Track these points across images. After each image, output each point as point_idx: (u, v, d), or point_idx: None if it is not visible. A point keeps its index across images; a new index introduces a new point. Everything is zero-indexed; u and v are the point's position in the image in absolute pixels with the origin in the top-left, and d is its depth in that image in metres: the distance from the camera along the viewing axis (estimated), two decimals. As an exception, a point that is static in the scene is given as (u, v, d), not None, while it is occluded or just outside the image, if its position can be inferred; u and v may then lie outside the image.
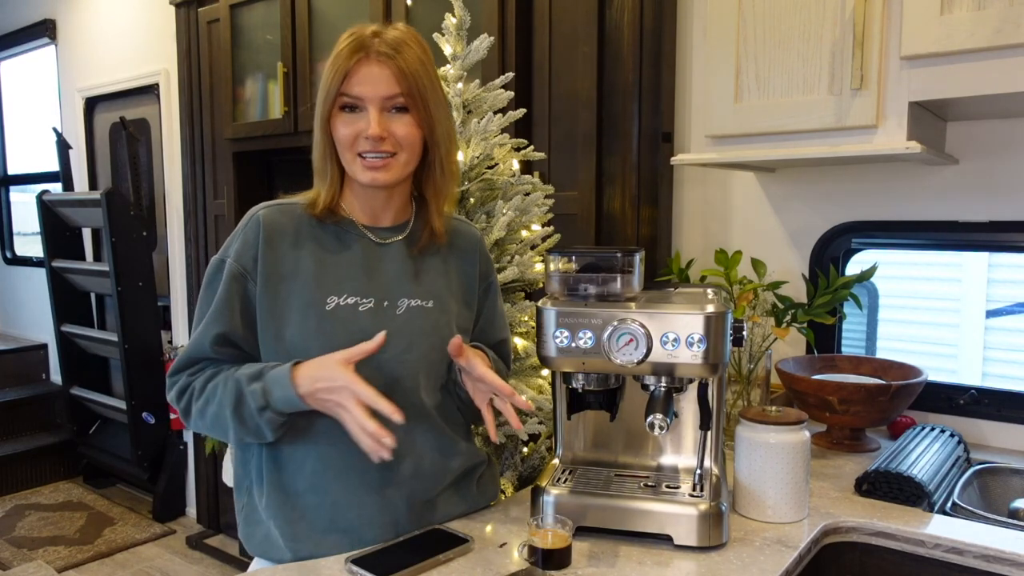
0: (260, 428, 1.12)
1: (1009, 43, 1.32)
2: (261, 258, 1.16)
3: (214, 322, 1.15)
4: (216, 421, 1.14)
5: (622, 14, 2.08)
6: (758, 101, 1.61)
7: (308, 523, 1.17)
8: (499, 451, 1.70)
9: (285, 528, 1.17)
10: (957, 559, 1.23)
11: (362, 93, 1.12)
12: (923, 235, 1.86)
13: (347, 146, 1.14)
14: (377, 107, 1.12)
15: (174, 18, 3.41)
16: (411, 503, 1.20)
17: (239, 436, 1.15)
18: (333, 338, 1.14)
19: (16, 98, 5.08)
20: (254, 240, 1.16)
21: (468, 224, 1.35)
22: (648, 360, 1.14)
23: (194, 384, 1.17)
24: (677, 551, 1.16)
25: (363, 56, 1.12)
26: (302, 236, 1.19)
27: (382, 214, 1.23)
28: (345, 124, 1.13)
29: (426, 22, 2.25)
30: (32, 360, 4.77)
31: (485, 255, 1.34)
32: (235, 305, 1.16)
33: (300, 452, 1.18)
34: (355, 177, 1.16)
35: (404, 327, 1.19)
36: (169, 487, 3.77)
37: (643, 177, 2.10)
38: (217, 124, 3.25)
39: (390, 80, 1.12)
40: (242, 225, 1.19)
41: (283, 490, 1.18)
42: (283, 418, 1.12)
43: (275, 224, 1.18)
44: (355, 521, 1.17)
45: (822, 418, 1.66)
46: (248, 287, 1.16)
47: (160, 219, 3.89)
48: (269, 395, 1.09)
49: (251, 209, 1.21)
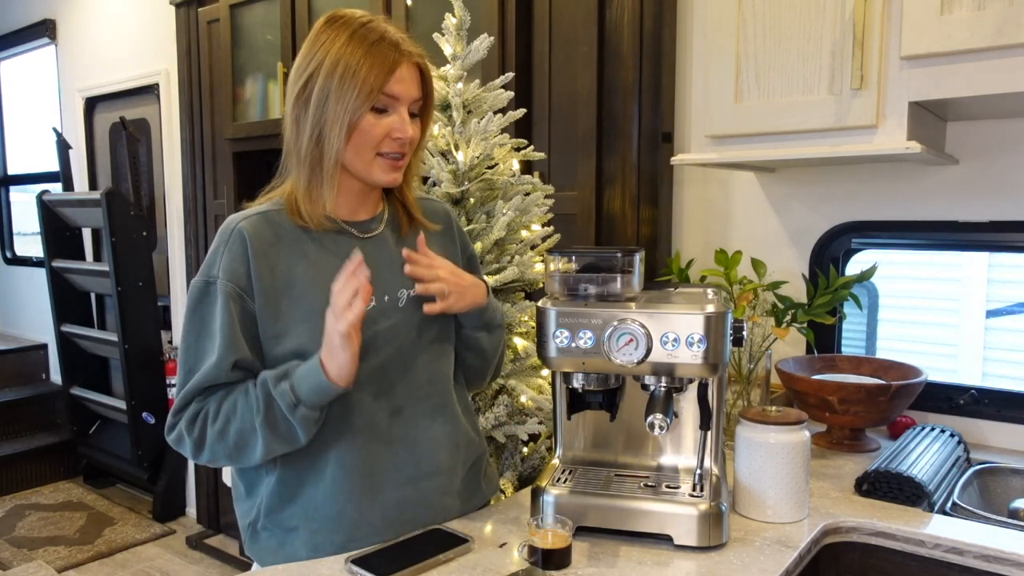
0: (293, 429, 1.07)
1: (1009, 43, 1.32)
2: (255, 273, 1.10)
3: (229, 350, 1.09)
4: (240, 437, 1.08)
5: (622, 14, 2.08)
6: (758, 101, 1.61)
7: (330, 531, 1.15)
8: (499, 451, 1.70)
9: (307, 538, 1.15)
10: (957, 559, 1.23)
11: (400, 93, 1.11)
12: (923, 235, 1.86)
13: (372, 145, 1.11)
14: (406, 108, 1.12)
15: (174, 18, 3.41)
16: (430, 500, 1.21)
17: (268, 447, 1.08)
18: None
19: (16, 98, 5.08)
20: (242, 255, 1.10)
21: (435, 200, 1.35)
22: (648, 360, 1.14)
23: (207, 408, 1.10)
24: (677, 551, 1.16)
25: (397, 57, 1.10)
26: (288, 243, 1.14)
27: (360, 208, 1.21)
28: (375, 123, 1.10)
29: (426, 22, 2.25)
30: (32, 360, 4.77)
31: (459, 227, 1.35)
32: (239, 327, 1.10)
33: (319, 460, 1.15)
34: (369, 175, 1.14)
35: (410, 318, 1.20)
36: (169, 487, 3.77)
37: (643, 177, 2.10)
38: (217, 124, 3.25)
39: (418, 82, 1.14)
40: (222, 241, 1.12)
41: (301, 500, 1.15)
42: (317, 413, 1.07)
43: (260, 235, 1.12)
44: (379, 523, 1.17)
45: (822, 418, 1.66)
46: (247, 305, 1.11)
47: (160, 219, 3.89)
48: (298, 389, 1.05)
49: (226, 222, 1.14)
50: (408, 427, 1.19)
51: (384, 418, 1.17)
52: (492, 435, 1.64)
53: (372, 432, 1.16)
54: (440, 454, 1.22)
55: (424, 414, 1.21)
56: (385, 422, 1.17)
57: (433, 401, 1.22)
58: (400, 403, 1.19)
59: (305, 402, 1.05)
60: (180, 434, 1.12)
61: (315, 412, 1.07)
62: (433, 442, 1.21)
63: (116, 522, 3.71)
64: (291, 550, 1.16)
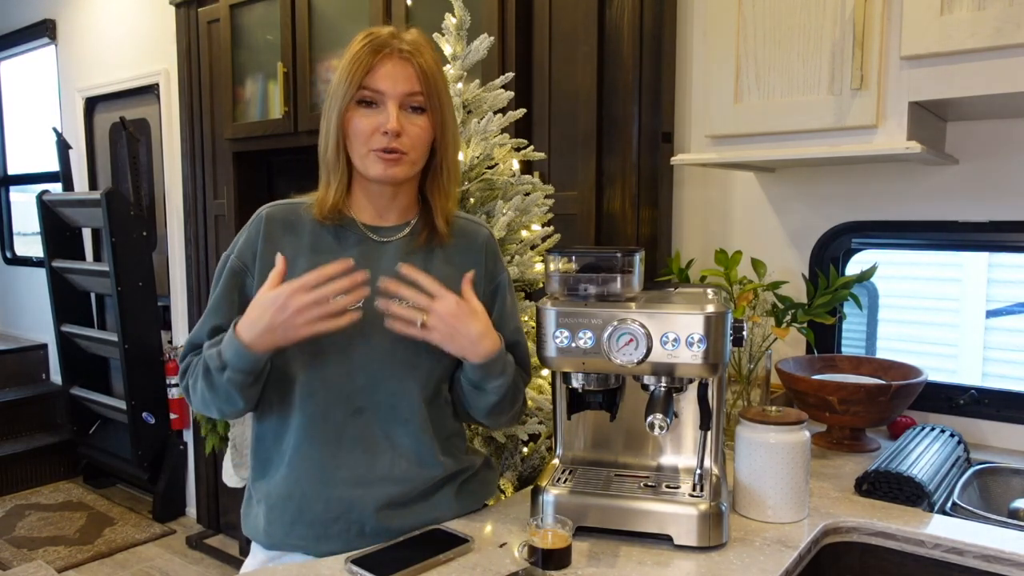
0: (228, 392, 1.12)
1: (1009, 43, 1.32)
2: (260, 255, 1.18)
3: (212, 314, 1.19)
4: (202, 393, 1.16)
5: (622, 14, 2.08)
6: (758, 101, 1.61)
7: (280, 511, 1.18)
8: (499, 451, 1.70)
9: (265, 514, 1.20)
10: (957, 559, 1.23)
11: (384, 88, 1.13)
12: (923, 235, 1.86)
13: (363, 140, 1.14)
14: (396, 103, 1.13)
15: (174, 18, 3.41)
16: (379, 505, 1.18)
17: (218, 405, 1.16)
18: (322, 339, 1.13)
19: (16, 98, 5.08)
20: (255, 236, 1.19)
21: (477, 223, 1.32)
22: (648, 360, 1.14)
23: (191, 363, 1.20)
24: (677, 551, 1.16)
25: (387, 53, 1.14)
26: (301, 235, 1.19)
27: (386, 213, 1.23)
28: (362, 118, 1.14)
29: (426, 22, 2.25)
30: (32, 360, 4.77)
31: (493, 254, 1.30)
32: (233, 299, 1.19)
33: (284, 442, 1.20)
34: (366, 171, 1.16)
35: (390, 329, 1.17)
36: (169, 487, 3.77)
37: (643, 177, 2.10)
38: (217, 124, 3.25)
39: (411, 78, 1.14)
40: (249, 222, 1.22)
41: (268, 477, 1.21)
42: (244, 377, 1.10)
43: (276, 221, 1.20)
44: (321, 515, 1.17)
45: (822, 418, 1.66)
46: (246, 282, 1.19)
47: (160, 219, 3.89)
48: (224, 352, 1.10)
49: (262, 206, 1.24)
50: (367, 429, 1.19)
51: (343, 415, 1.18)
52: (492, 435, 1.64)
53: (329, 425, 1.18)
54: (398, 464, 1.20)
55: (386, 421, 1.20)
56: (344, 419, 1.18)
57: (396, 411, 1.20)
58: (362, 404, 1.18)
59: (231, 366, 1.09)
60: (184, 384, 1.22)
61: (241, 375, 1.10)
62: (392, 450, 1.20)
63: (116, 522, 3.71)
64: (255, 520, 1.22)
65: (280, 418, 1.20)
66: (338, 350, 1.16)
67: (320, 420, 1.18)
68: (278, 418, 1.20)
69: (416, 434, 1.21)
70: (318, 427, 1.18)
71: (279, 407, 1.20)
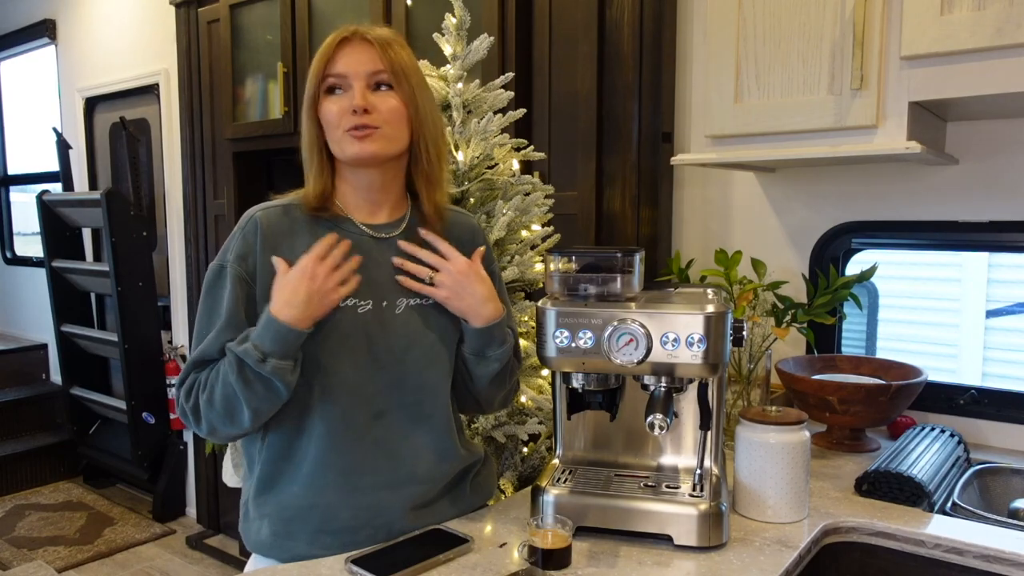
0: (272, 384, 1.08)
1: (1009, 43, 1.32)
2: (260, 260, 1.16)
3: (227, 329, 1.13)
4: (226, 402, 1.11)
5: (622, 14, 2.08)
6: (758, 101, 1.61)
7: (302, 522, 1.17)
8: (499, 451, 1.70)
9: (279, 527, 1.17)
10: (957, 559, 1.23)
11: (346, 70, 1.14)
12: (923, 235, 1.86)
13: (334, 124, 1.15)
14: (362, 82, 1.14)
15: (174, 18, 3.41)
16: (406, 507, 1.20)
17: (251, 405, 1.10)
18: (331, 341, 1.14)
19: (16, 98, 5.08)
20: (252, 242, 1.16)
21: (466, 215, 1.35)
22: (648, 360, 1.14)
23: (199, 380, 1.15)
24: (677, 551, 1.16)
25: (347, 38, 1.16)
26: (299, 238, 1.18)
27: (378, 209, 1.23)
28: (332, 104, 1.15)
29: (426, 22, 2.25)
30: (32, 360, 4.77)
31: (485, 243, 1.32)
32: (242, 309, 1.15)
33: (298, 453, 1.17)
34: (343, 155, 1.16)
35: (403, 327, 1.19)
36: (169, 487, 3.77)
37: (643, 177, 2.10)
38: (217, 124, 3.25)
39: (374, 58, 1.15)
40: (240, 227, 1.18)
41: (279, 489, 1.18)
42: (288, 362, 1.09)
43: (273, 225, 1.18)
44: (349, 523, 1.17)
45: (822, 418, 1.66)
46: (250, 289, 1.16)
47: (160, 219, 3.89)
48: (261, 345, 1.08)
49: (248, 211, 1.21)
50: (389, 431, 1.19)
51: (365, 419, 1.17)
52: (492, 435, 1.64)
53: (351, 431, 1.16)
54: (421, 463, 1.21)
55: (408, 420, 1.20)
56: (366, 423, 1.17)
57: (418, 409, 1.21)
58: (383, 407, 1.18)
59: (272, 353, 1.07)
60: (183, 409, 1.17)
61: (285, 361, 1.09)
62: (415, 450, 1.21)
63: (116, 522, 3.71)
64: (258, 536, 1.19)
65: (295, 429, 1.17)
66: (355, 354, 1.16)
67: (341, 427, 1.16)
68: (293, 429, 1.17)
69: (437, 429, 1.23)
70: (339, 434, 1.16)
71: (295, 419, 1.17)
